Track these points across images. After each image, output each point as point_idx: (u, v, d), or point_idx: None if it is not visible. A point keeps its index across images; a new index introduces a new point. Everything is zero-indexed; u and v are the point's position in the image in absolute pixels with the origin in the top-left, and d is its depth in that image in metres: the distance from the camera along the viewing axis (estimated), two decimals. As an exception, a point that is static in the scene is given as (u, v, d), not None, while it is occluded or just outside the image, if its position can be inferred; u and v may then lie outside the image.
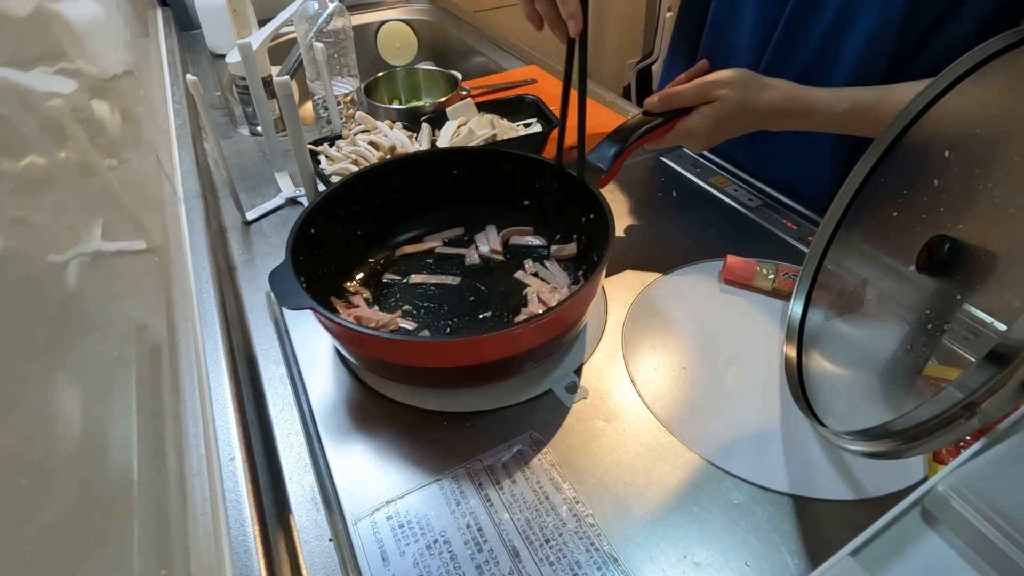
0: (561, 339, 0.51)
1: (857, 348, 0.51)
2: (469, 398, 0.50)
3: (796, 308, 0.53)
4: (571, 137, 0.57)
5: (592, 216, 0.58)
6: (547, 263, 0.62)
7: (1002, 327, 0.47)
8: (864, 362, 0.48)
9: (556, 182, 0.62)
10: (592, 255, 0.60)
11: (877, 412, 0.44)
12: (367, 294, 0.59)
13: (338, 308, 0.56)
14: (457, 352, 0.46)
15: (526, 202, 0.66)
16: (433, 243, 0.64)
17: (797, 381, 0.49)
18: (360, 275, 0.61)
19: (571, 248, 0.62)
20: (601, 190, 0.57)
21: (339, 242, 0.59)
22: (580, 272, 0.61)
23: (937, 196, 0.43)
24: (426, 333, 0.55)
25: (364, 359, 0.50)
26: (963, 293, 0.40)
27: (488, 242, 0.64)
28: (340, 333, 0.48)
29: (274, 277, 0.46)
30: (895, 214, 0.51)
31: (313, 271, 0.54)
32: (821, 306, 0.52)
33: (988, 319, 0.49)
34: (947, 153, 0.43)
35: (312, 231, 0.54)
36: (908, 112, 0.45)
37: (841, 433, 0.40)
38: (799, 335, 0.51)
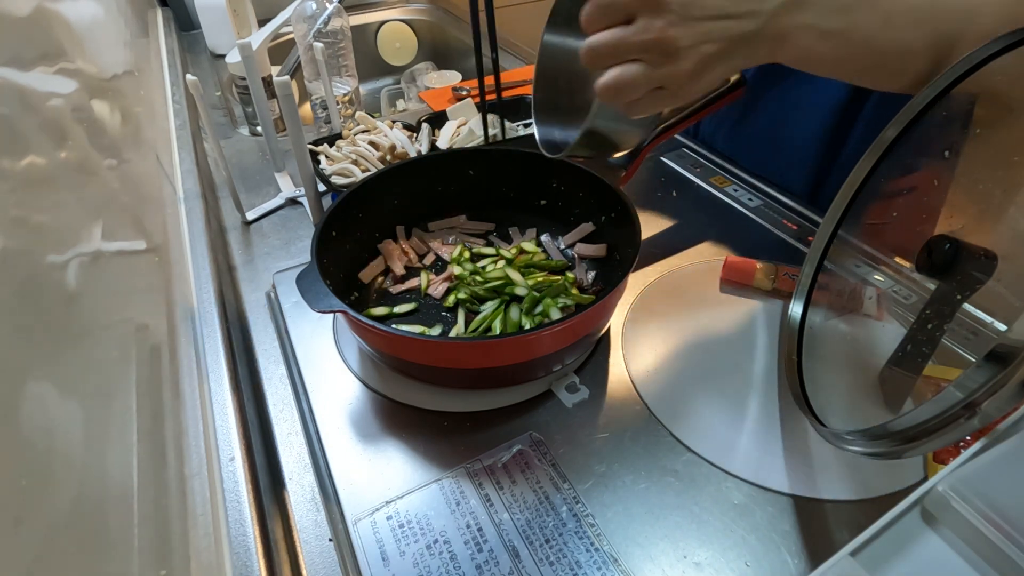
0: (590, 339, 0.52)
1: (857, 348, 0.51)
2: (469, 398, 0.50)
3: (796, 308, 0.53)
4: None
5: (613, 215, 0.58)
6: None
7: (1002, 327, 0.47)
8: (864, 362, 0.48)
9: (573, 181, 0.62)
10: (615, 254, 0.60)
11: (877, 412, 0.44)
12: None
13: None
14: (485, 353, 0.46)
15: (542, 201, 0.66)
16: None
17: (797, 381, 0.48)
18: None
19: (598, 248, 0.62)
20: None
21: (358, 243, 0.60)
22: (594, 273, 0.61)
23: (937, 196, 0.43)
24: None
25: (392, 359, 0.50)
26: (963, 293, 0.40)
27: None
28: (367, 334, 0.48)
29: (301, 281, 0.46)
30: (895, 214, 0.51)
31: (336, 273, 0.54)
32: (821, 306, 0.52)
33: (988, 319, 0.49)
34: (947, 153, 0.43)
35: (333, 233, 0.54)
36: (908, 112, 0.45)
37: (841, 433, 0.40)
38: (799, 335, 0.51)
